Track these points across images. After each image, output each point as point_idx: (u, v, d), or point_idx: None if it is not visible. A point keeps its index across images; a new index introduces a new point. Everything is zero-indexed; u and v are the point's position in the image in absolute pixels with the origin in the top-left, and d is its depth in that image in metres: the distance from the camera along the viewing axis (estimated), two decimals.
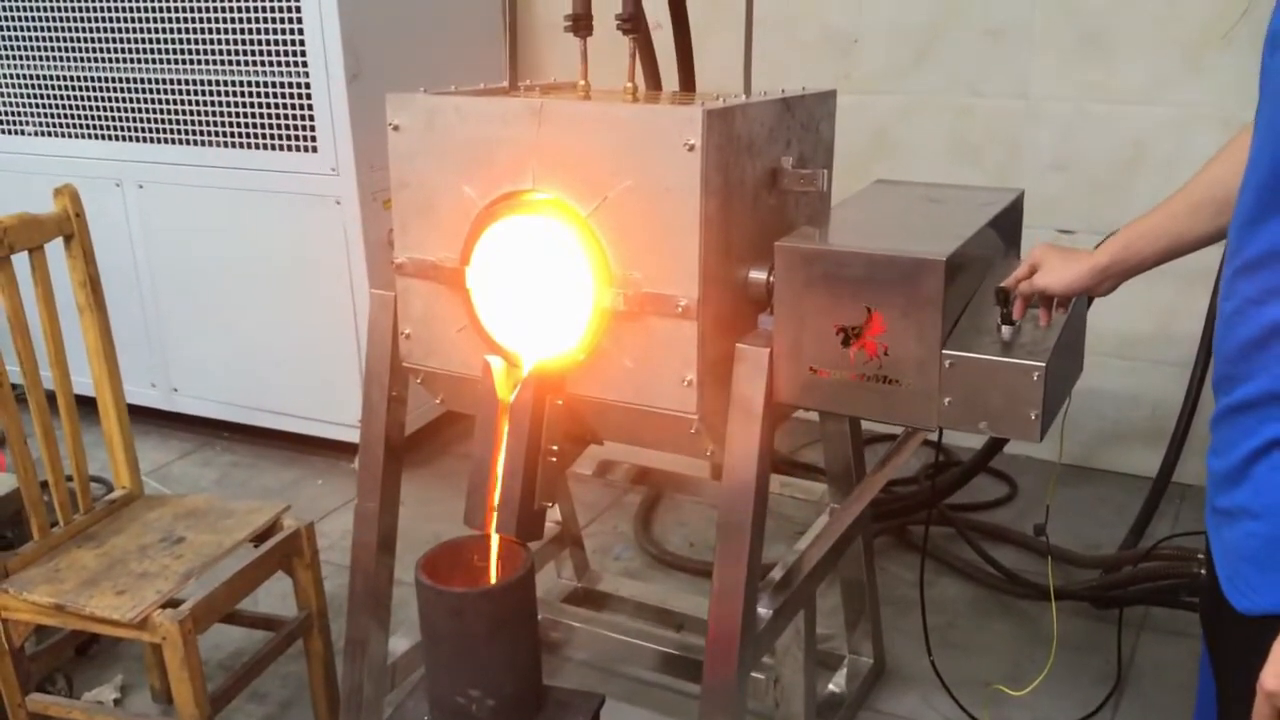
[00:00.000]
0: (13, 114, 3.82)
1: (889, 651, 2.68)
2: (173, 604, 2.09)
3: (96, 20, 3.53)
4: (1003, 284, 1.67)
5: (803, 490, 2.49)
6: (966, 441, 3.56)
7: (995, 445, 3.05)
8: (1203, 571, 2.58)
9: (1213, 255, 3.03)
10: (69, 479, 2.32)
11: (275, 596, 2.73)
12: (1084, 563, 2.92)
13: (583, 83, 2.05)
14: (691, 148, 1.67)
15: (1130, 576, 2.75)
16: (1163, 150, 3.31)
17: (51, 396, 2.24)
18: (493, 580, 1.80)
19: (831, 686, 2.56)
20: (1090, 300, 1.75)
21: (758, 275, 1.83)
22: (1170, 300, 3.34)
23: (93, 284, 2.32)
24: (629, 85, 2.00)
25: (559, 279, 1.81)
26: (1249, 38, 3.08)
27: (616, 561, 3.17)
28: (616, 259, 1.77)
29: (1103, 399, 3.47)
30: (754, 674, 2.03)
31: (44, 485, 2.25)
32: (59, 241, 2.28)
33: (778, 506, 1.86)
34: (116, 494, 2.43)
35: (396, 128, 1.93)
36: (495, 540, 1.81)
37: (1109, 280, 1.55)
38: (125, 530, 2.32)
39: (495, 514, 1.79)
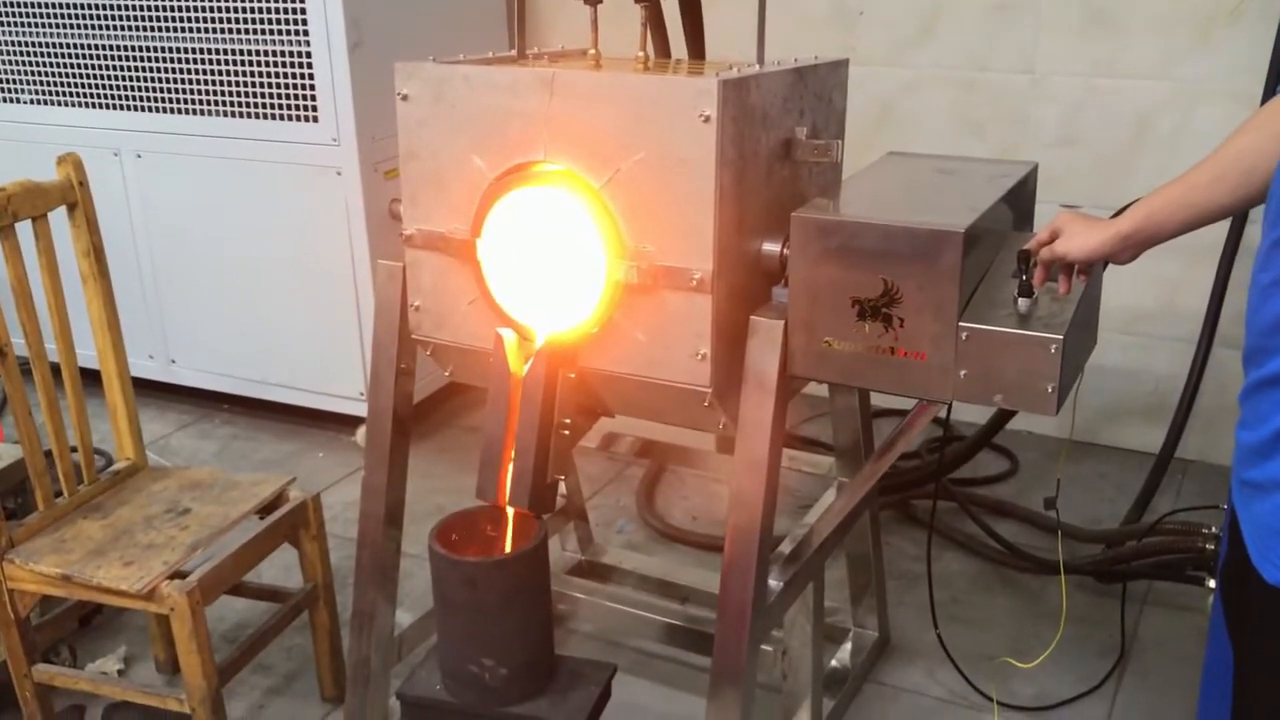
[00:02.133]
0: (9, 81, 3.78)
1: (893, 625, 2.69)
2: (180, 575, 2.08)
3: None
4: (1024, 247, 1.66)
5: (809, 464, 2.49)
6: (967, 416, 3.57)
7: (1001, 419, 3.05)
8: (1209, 546, 2.61)
9: (1219, 231, 3.04)
10: (73, 450, 2.31)
11: (278, 568, 2.72)
12: (1087, 537, 2.93)
13: (593, 51, 2.03)
14: (707, 119, 1.65)
15: (1135, 551, 2.76)
16: (1169, 126, 3.29)
17: (54, 367, 2.22)
18: (506, 550, 1.79)
19: (834, 663, 2.56)
20: (1105, 266, 1.74)
21: (771, 247, 1.82)
22: (1174, 275, 3.34)
23: (96, 253, 2.31)
24: (640, 55, 1.98)
25: (571, 251, 1.79)
26: (1258, 13, 3.06)
27: (619, 535, 3.17)
28: (629, 231, 1.76)
29: (1105, 374, 3.47)
30: (762, 646, 2.03)
31: (47, 456, 2.23)
32: (61, 211, 2.26)
33: (781, 480, 1.87)
34: (121, 465, 2.42)
35: (405, 97, 1.91)
36: (508, 511, 1.81)
37: (1130, 249, 1.54)
38: (130, 501, 2.31)
39: (508, 487, 1.78)
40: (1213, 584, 2.56)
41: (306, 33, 3.24)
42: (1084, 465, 3.46)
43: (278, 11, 3.25)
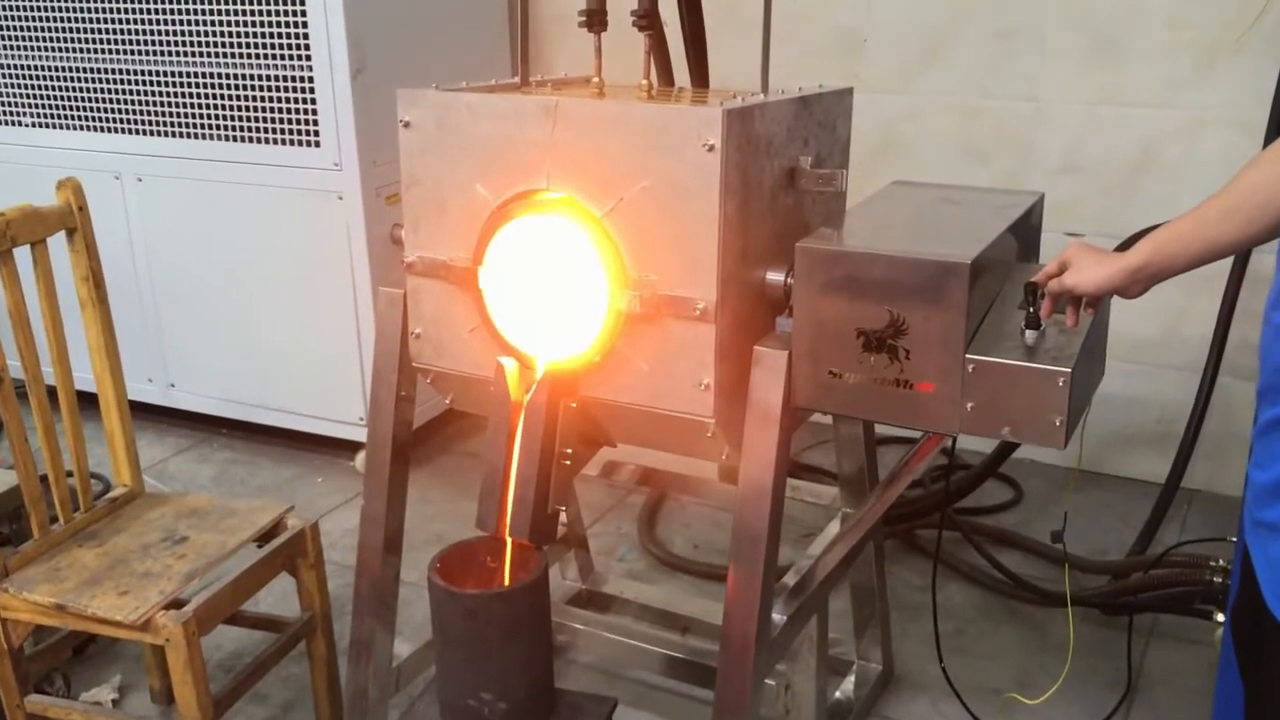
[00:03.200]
0: (10, 105, 3.78)
1: (897, 657, 2.66)
2: (176, 605, 2.06)
3: (97, 10, 3.49)
4: (1032, 279, 1.64)
5: (812, 494, 2.46)
6: (972, 444, 3.54)
7: (1007, 449, 3.03)
8: (1216, 579, 2.58)
9: (1224, 260, 3.01)
10: (69, 474, 2.28)
11: (275, 595, 2.69)
12: (1092, 568, 2.90)
13: (596, 79, 2.02)
14: (711, 148, 1.64)
15: (1141, 583, 2.73)
16: (1173, 154, 3.29)
17: (51, 391, 2.20)
18: (507, 582, 1.77)
19: (839, 694, 2.53)
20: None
21: (775, 277, 1.81)
22: (1178, 303, 3.32)
23: (95, 279, 2.29)
24: (644, 83, 1.97)
25: (573, 280, 1.78)
26: (1262, 42, 3.06)
27: (620, 563, 3.14)
28: (632, 260, 1.74)
29: (1109, 403, 3.45)
30: (765, 680, 2.00)
31: (43, 480, 2.21)
32: (61, 235, 2.25)
33: (784, 509, 1.85)
34: (118, 492, 2.39)
35: (407, 124, 1.90)
36: (512, 542, 1.78)
37: (1140, 282, 1.51)
38: (127, 529, 2.28)
39: (508, 518, 1.76)
40: (1220, 618, 2.53)
41: (309, 57, 3.23)
42: (1089, 494, 3.44)
43: (280, 36, 3.25)
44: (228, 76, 3.37)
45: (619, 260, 1.74)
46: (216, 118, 3.44)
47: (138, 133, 3.58)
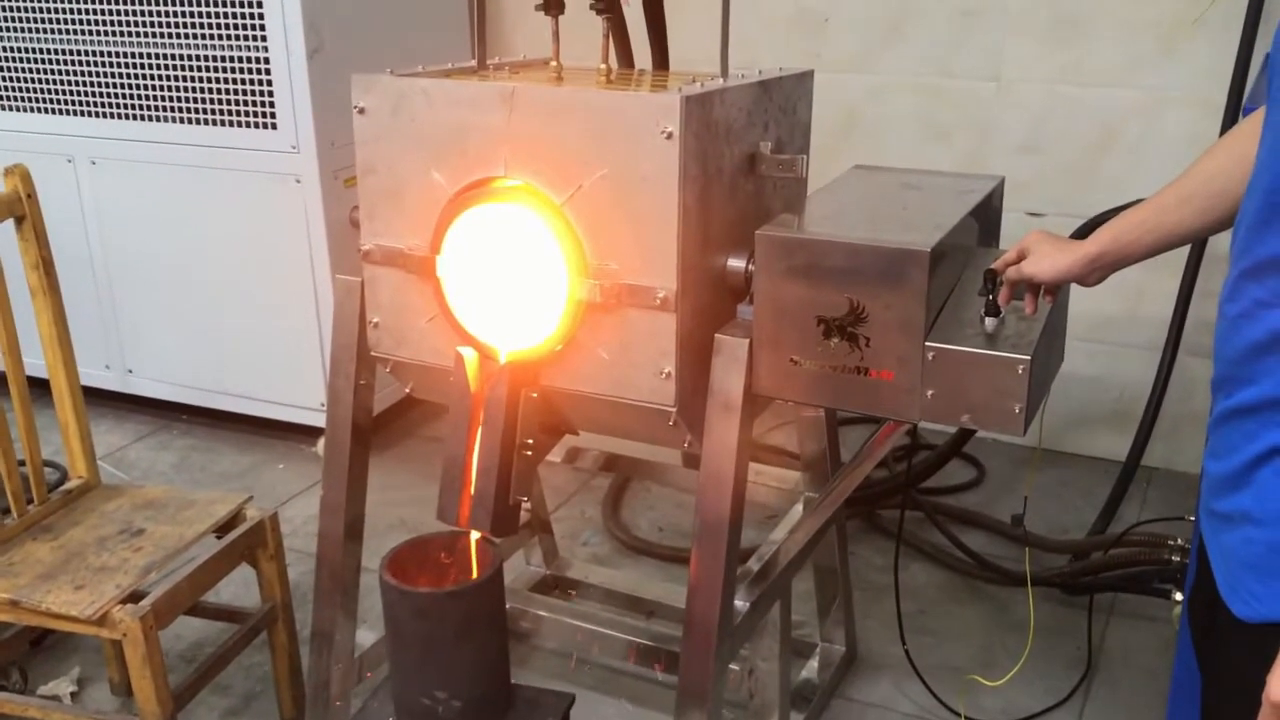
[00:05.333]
0: None
1: (860, 638, 2.67)
2: (133, 598, 2.03)
3: None
4: (991, 266, 1.64)
5: (777, 479, 2.46)
6: (934, 424, 3.55)
7: (969, 430, 3.04)
8: (1175, 558, 2.60)
9: None
10: (21, 463, 2.24)
11: (237, 583, 2.67)
12: (1053, 548, 2.92)
13: (555, 63, 2.00)
14: (669, 135, 1.63)
15: (1101, 563, 2.75)
16: (1133, 134, 3.30)
17: (2, 379, 2.16)
18: (461, 579, 1.76)
19: (803, 675, 2.54)
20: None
21: (736, 264, 1.80)
22: (1138, 283, 3.34)
23: (46, 266, 2.24)
24: (602, 67, 1.95)
25: (533, 269, 1.76)
26: (1221, 22, 3.07)
27: (585, 547, 3.14)
28: (592, 249, 1.72)
29: (1070, 382, 3.47)
30: (729, 665, 2.01)
31: None
32: (9, 223, 2.20)
33: (748, 493, 1.85)
34: (73, 484, 2.35)
35: (362, 110, 1.87)
36: (466, 538, 1.77)
37: (1098, 271, 1.52)
38: (82, 522, 2.25)
39: (469, 510, 1.75)
40: (1179, 597, 2.56)
41: (265, 37, 3.18)
42: (1050, 473, 3.46)
43: (235, 16, 3.19)
44: (183, 57, 3.31)
45: (578, 249, 1.73)
46: (172, 99, 3.38)
47: (91, 115, 3.51)
